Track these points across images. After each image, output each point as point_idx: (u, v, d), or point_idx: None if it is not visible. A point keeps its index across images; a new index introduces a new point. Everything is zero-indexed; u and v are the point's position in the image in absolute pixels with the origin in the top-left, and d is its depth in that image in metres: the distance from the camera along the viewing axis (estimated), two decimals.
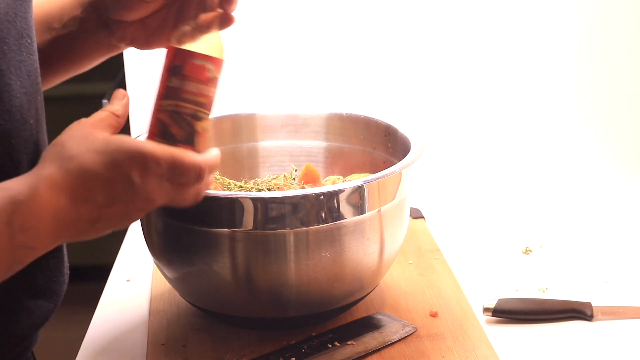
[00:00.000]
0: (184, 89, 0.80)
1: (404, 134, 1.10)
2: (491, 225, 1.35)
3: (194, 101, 0.80)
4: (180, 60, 0.80)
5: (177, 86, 0.80)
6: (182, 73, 0.80)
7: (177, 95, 0.79)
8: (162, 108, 0.80)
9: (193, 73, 0.80)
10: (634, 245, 1.27)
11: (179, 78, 0.80)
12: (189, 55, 0.80)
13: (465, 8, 1.50)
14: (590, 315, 1.07)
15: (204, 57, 0.81)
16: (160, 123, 0.80)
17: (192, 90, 0.80)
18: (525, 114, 1.55)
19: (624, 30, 1.51)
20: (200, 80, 0.80)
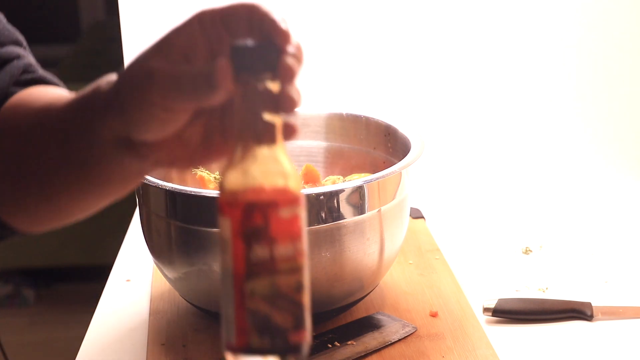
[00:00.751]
0: (278, 257, 0.56)
1: (404, 134, 1.10)
2: (491, 225, 1.35)
3: (294, 268, 0.57)
4: (261, 218, 0.56)
5: (265, 257, 0.56)
6: (268, 236, 0.56)
7: (269, 269, 0.56)
8: (249, 294, 0.56)
9: (283, 230, 0.57)
10: (634, 245, 1.27)
11: (266, 244, 0.56)
12: (272, 206, 0.56)
13: (465, 8, 1.50)
14: (590, 315, 1.07)
15: (293, 201, 0.57)
16: (254, 315, 0.56)
17: (288, 254, 0.57)
18: (525, 114, 1.55)
19: (624, 30, 1.51)
20: (295, 235, 0.57)
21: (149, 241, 1.05)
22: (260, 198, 0.56)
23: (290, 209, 0.57)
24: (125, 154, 0.67)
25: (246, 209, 0.56)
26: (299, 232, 0.57)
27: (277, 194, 0.57)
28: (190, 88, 0.62)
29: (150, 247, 1.05)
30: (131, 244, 1.31)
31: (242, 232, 0.56)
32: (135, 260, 1.25)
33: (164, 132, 0.65)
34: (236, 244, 0.56)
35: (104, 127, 0.67)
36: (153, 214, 1.01)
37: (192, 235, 0.97)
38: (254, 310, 0.56)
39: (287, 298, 0.57)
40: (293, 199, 0.57)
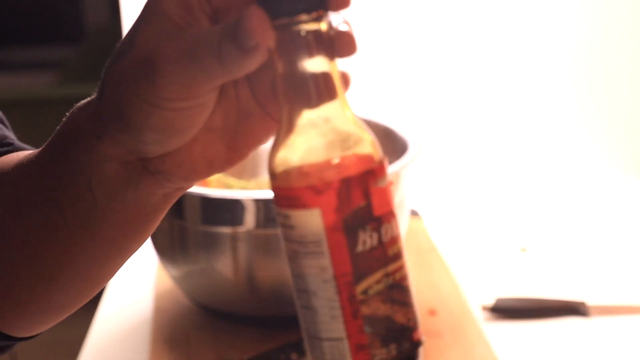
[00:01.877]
0: (387, 242, 0.44)
1: (402, 135, 1.11)
2: (489, 225, 1.36)
3: (398, 250, 0.45)
4: (362, 195, 0.43)
5: (375, 245, 0.44)
6: (375, 216, 0.44)
7: (381, 259, 0.44)
8: (362, 298, 0.44)
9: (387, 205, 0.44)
10: (630, 244, 1.28)
11: (372, 228, 0.43)
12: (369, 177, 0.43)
13: (465, 8, 1.50)
14: (587, 312, 1.08)
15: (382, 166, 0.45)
16: (373, 322, 0.44)
17: (394, 234, 0.45)
18: (524, 114, 1.55)
19: (624, 30, 1.52)
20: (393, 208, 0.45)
21: (152, 240, 1.06)
22: (353, 171, 0.43)
23: (384, 176, 0.44)
24: (140, 178, 0.48)
25: (341, 189, 0.42)
26: (393, 202, 0.45)
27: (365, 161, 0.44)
28: (211, 58, 0.44)
29: (154, 245, 1.06)
30: None
31: (342, 220, 0.43)
32: (139, 259, 1.26)
33: (193, 130, 0.47)
34: (334, 239, 0.43)
35: (99, 154, 0.48)
36: None
37: (194, 235, 0.98)
38: (371, 316, 0.44)
39: (401, 288, 0.45)
40: (382, 164, 0.44)
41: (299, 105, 0.44)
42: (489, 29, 1.51)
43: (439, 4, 1.50)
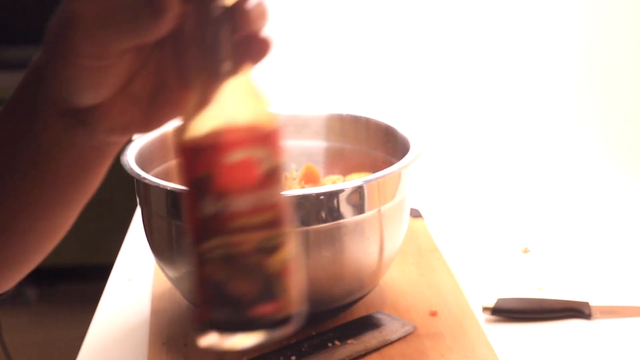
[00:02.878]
0: (230, 213, 0.46)
1: (403, 134, 1.11)
2: (490, 225, 1.36)
3: (252, 225, 0.46)
4: (204, 165, 0.46)
5: (213, 212, 0.46)
6: (214, 189, 0.46)
7: (219, 228, 0.46)
8: (203, 259, 0.46)
9: (233, 180, 0.46)
10: (632, 245, 1.28)
11: (213, 198, 0.46)
12: (214, 151, 0.45)
13: (465, 8, 1.50)
14: (589, 314, 1.07)
15: (242, 144, 0.46)
16: (212, 284, 0.47)
17: (245, 207, 0.46)
18: (525, 113, 1.55)
19: (624, 30, 1.52)
20: (252, 186, 0.46)
21: (150, 240, 1.05)
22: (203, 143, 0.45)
23: (241, 151, 0.45)
24: (72, 127, 0.54)
25: (189, 155, 0.46)
26: (257, 179, 0.46)
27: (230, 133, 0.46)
28: (125, 19, 0.49)
29: (151, 246, 1.05)
30: (132, 244, 1.32)
31: (190, 182, 0.46)
32: (137, 260, 1.26)
33: (105, 88, 0.52)
34: (187, 198, 0.47)
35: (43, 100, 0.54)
36: (154, 213, 1.01)
37: None
38: (210, 278, 0.47)
39: (247, 263, 0.46)
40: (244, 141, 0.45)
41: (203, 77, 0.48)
42: (490, 28, 1.51)
43: (440, 3, 1.50)
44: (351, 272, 1.00)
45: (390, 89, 1.53)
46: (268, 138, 0.48)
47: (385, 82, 1.53)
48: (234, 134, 0.46)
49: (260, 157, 0.46)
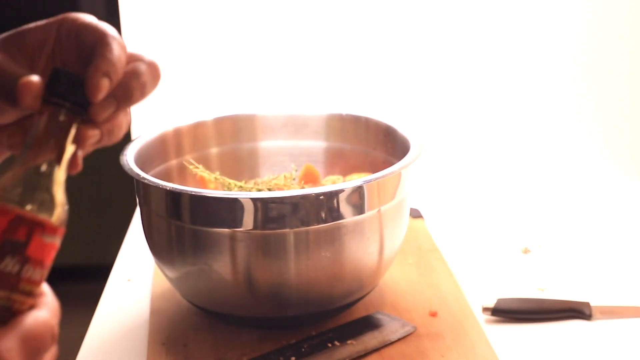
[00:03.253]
0: (24, 278, 0.56)
1: (403, 134, 1.11)
2: (490, 225, 1.36)
3: (32, 293, 0.57)
4: (24, 235, 0.55)
5: (13, 272, 0.55)
6: (24, 254, 0.55)
7: (11, 285, 0.55)
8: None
9: (40, 255, 0.56)
10: (633, 245, 1.27)
11: (18, 261, 0.55)
12: (39, 229, 0.56)
13: (465, 8, 1.50)
14: (589, 314, 1.07)
15: (55, 231, 0.57)
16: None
17: (34, 279, 0.56)
18: (525, 113, 1.55)
19: (624, 30, 1.52)
20: (46, 265, 0.57)
21: (149, 241, 1.05)
22: (30, 216, 0.55)
23: (52, 236, 0.56)
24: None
25: (14, 220, 0.55)
26: (49, 262, 0.57)
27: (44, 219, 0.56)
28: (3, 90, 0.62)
29: (150, 246, 1.05)
30: (132, 244, 1.31)
31: (1, 240, 0.54)
32: (136, 260, 1.26)
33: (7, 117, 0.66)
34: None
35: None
36: (154, 213, 1.01)
37: (192, 235, 0.97)
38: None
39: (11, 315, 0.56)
40: (55, 230, 0.57)
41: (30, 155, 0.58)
42: (491, 28, 1.51)
43: (440, 3, 1.50)
44: (351, 272, 1.00)
45: (390, 89, 1.53)
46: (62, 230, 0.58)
47: (385, 82, 1.53)
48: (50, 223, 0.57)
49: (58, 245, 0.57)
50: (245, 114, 1.22)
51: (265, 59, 1.52)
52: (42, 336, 0.57)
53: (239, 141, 1.22)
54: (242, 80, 1.52)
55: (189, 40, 1.50)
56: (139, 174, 1.00)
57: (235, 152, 1.21)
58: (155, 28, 1.48)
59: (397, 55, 1.52)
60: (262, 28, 1.50)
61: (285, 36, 1.51)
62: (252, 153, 1.22)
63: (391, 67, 1.52)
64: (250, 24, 1.50)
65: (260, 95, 1.52)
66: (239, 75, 1.52)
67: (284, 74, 1.53)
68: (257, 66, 1.52)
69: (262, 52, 1.51)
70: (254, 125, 1.22)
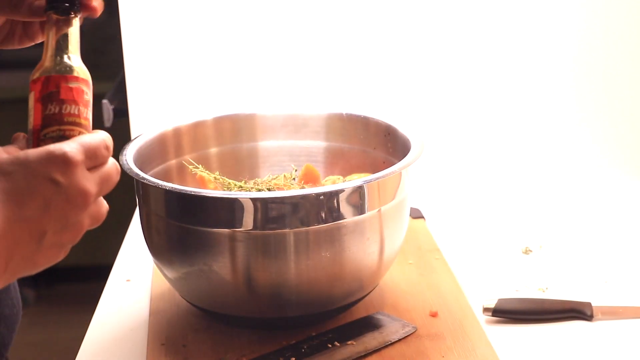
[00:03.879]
0: (65, 113, 0.76)
1: (404, 134, 1.10)
2: (491, 225, 1.36)
3: (76, 123, 0.77)
4: (54, 85, 0.77)
5: (55, 111, 0.76)
6: (58, 98, 0.76)
7: (58, 120, 0.76)
8: (44, 137, 0.76)
9: (71, 95, 0.77)
10: (634, 245, 1.27)
11: (57, 103, 0.76)
12: (61, 78, 0.77)
13: (465, 8, 1.50)
14: (590, 315, 1.07)
15: (77, 80, 0.78)
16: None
17: (73, 112, 0.77)
18: (525, 114, 1.55)
19: (624, 30, 1.51)
20: (80, 102, 0.77)
21: (148, 241, 1.05)
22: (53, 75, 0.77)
23: (75, 82, 0.77)
24: None
25: (44, 82, 0.76)
26: (81, 99, 0.77)
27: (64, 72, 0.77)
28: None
29: (150, 247, 1.05)
30: (131, 244, 1.31)
31: (40, 97, 0.76)
32: (135, 260, 1.25)
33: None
34: (36, 107, 0.76)
35: None
36: (153, 213, 1.01)
37: (192, 235, 0.97)
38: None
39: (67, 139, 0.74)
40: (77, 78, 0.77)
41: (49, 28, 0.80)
42: (491, 28, 1.51)
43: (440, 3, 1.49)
44: (351, 272, 0.99)
45: (390, 89, 1.53)
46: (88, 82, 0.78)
47: (385, 82, 1.53)
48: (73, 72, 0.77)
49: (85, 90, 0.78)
50: (245, 114, 1.22)
51: (264, 59, 1.51)
52: (97, 145, 0.74)
53: (239, 141, 1.21)
54: (242, 80, 1.52)
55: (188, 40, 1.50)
56: (139, 173, 1.00)
57: (235, 152, 1.21)
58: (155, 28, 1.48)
59: (397, 55, 1.52)
60: (261, 28, 1.50)
61: (285, 36, 1.51)
62: (251, 153, 1.22)
63: (391, 67, 1.52)
64: (250, 24, 1.49)
65: (260, 95, 1.52)
66: (239, 75, 1.51)
67: (284, 73, 1.52)
68: (256, 66, 1.51)
69: (262, 52, 1.51)
70: (253, 125, 1.21)
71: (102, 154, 0.74)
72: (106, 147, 0.75)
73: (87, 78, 0.79)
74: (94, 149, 0.74)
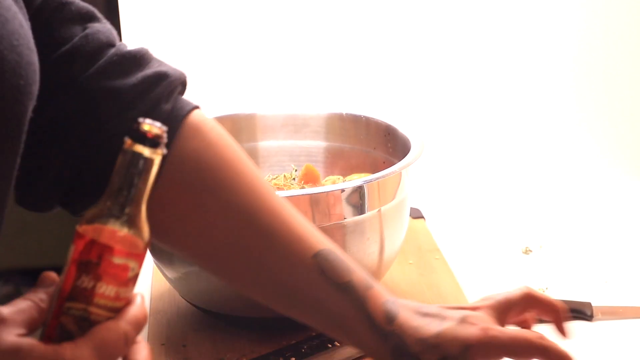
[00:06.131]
0: (98, 293, 0.63)
1: (404, 134, 1.10)
2: (491, 225, 1.35)
3: (107, 307, 0.63)
4: (96, 256, 0.62)
5: (88, 287, 0.62)
6: (96, 272, 0.62)
7: (87, 298, 0.62)
8: (65, 311, 0.63)
9: (111, 275, 0.63)
10: (634, 245, 1.27)
11: (92, 278, 0.62)
12: (108, 251, 0.62)
13: (465, 8, 1.50)
14: (590, 315, 1.07)
15: (127, 255, 0.64)
16: (62, 329, 0.63)
17: (107, 294, 0.63)
18: (525, 113, 1.55)
19: (624, 30, 1.51)
20: (120, 283, 0.64)
21: None
22: (102, 240, 0.63)
23: (124, 259, 0.63)
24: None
25: (88, 243, 0.62)
26: (124, 280, 0.64)
27: (116, 244, 0.63)
28: None
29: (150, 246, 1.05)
30: None
31: (77, 259, 0.62)
32: None
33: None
34: (70, 266, 0.63)
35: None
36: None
37: None
38: (63, 324, 0.63)
39: (90, 324, 0.63)
40: (129, 254, 0.64)
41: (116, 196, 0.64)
42: (491, 28, 1.51)
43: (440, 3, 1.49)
44: None
45: (390, 88, 1.53)
46: (141, 255, 0.65)
47: (385, 82, 1.53)
48: (124, 243, 0.63)
49: (133, 267, 0.64)
50: (244, 114, 1.22)
51: (264, 59, 1.51)
52: (114, 343, 0.62)
53: (239, 141, 1.20)
54: (242, 80, 1.51)
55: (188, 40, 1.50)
56: None
57: None
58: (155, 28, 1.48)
59: (397, 55, 1.52)
60: (261, 28, 1.50)
61: (285, 36, 1.51)
62: (251, 153, 1.21)
63: (391, 66, 1.52)
64: (250, 24, 1.49)
65: (260, 95, 1.52)
66: (239, 75, 1.51)
67: (284, 73, 1.52)
68: (256, 66, 1.51)
69: (262, 52, 1.51)
70: (253, 125, 1.21)
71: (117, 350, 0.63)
72: (126, 341, 0.64)
73: (143, 243, 0.65)
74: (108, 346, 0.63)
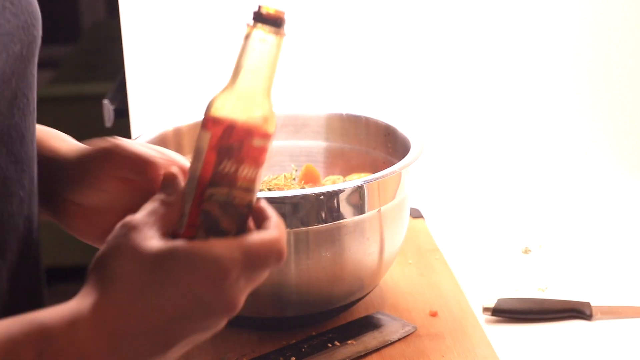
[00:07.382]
0: (240, 176, 0.64)
1: (403, 134, 1.10)
2: (491, 225, 1.36)
3: (247, 189, 0.64)
4: (238, 140, 0.63)
5: (230, 171, 0.63)
6: (239, 156, 0.63)
7: (231, 182, 0.64)
8: (208, 198, 0.63)
9: (252, 157, 0.64)
10: (633, 245, 1.27)
11: (234, 162, 0.63)
12: (249, 133, 0.64)
13: (465, 8, 1.50)
14: (590, 314, 1.07)
15: (264, 136, 0.64)
16: (206, 215, 0.64)
17: (249, 177, 0.64)
18: (525, 113, 1.55)
19: (624, 30, 1.51)
20: (258, 164, 0.65)
21: None
22: (241, 125, 0.64)
23: (263, 140, 0.64)
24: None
25: (227, 129, 0.63)
26: (262, 161, 0.65)
27: (255, 126, 0.64)
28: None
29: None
30: None
31: (217, 145, 0.63)
32: None
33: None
34: (209, 155, 0.64)
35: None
36: None
37: None
38: (208, 211, 0.64)
39: (237, 211, 0.65)
40: (266, 134, 0.65)
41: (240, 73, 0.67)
42: (491, 28, 1.51)
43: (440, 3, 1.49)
44: (351, 272, 1.00)
45: (390, 89, 1.53)
46: (272, 136, 0.65)
47: (385, 82, 1.53)
48: (261, 128, 0.64)
49: (268, 148, 0.65)
50: None
51: None
52: (267, 255, 0.62)
53: None
54: None
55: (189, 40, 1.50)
56: None
57: None
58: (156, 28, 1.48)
59: (397, 55, 1.52)
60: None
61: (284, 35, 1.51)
62: None
63: (391, 67, 1.52)
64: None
65: None
66: None
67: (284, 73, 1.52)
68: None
69: None
70: None
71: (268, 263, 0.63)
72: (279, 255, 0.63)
73: (275, 128, 0.66)
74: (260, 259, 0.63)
